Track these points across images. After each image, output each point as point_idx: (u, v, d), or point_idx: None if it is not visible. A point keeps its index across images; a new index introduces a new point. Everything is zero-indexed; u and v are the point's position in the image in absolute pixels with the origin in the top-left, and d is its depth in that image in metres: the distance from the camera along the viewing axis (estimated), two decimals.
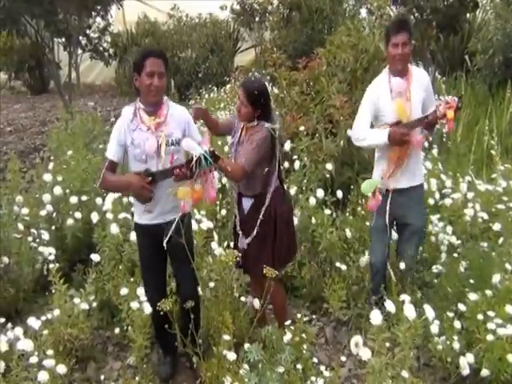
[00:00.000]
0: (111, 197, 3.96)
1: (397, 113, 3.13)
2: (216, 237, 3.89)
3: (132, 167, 2.73)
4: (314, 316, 3.62)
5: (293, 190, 4.24)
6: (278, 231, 3.07)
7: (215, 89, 10.47)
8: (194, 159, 2.45)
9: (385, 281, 3.32)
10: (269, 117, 3.01)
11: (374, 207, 3.22)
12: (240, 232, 3.11)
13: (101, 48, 11.28)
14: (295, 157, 4.55)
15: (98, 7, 10.02)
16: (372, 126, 3.27)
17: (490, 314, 2.76)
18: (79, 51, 10.72)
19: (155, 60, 2.62)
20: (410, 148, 3.14)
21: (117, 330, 3.29)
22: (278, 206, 3.07)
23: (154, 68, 2.61)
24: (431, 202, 4.26)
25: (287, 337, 2.67)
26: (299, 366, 2.63)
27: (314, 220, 3.91)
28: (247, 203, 3.09)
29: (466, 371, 2.63)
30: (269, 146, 2.97)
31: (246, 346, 2.62)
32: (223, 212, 4.58)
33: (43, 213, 4.10)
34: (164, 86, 2.69)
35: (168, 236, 2.69)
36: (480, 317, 2.76)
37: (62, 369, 2.65)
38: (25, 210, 4.05)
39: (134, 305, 2.93)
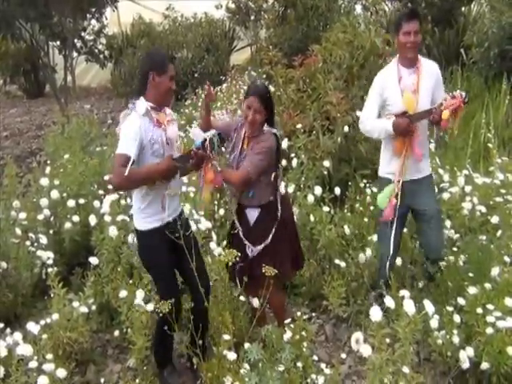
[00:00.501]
0: (109, 199, 3.94)
1: (405, 105, 3.14)
2: (214, 237, 3.89)
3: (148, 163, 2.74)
4: (313, 314, 3.62)
5: (291, 188, 4.23)
6: (290, 235, 3.08)
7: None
8: (208, 140, 2.66)
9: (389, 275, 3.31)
10: (273, 120, 3.04)
11: (389, 216, 3.23)
12: (246, 242, 3.03)
13: (96, 50, 11.24)
14: (293, 154, 4.55)
15: (93, 9, 9.99)
16: (380, 116, 3.30)
17: (490, 307, 2.75)
18: (74, 54, 10.68)
19: (173, 66, 2.80)
20: (416, 141, 3.16)
21: (116, 333, 3.28)
22: (285, 209, 3.08)
23: (174, 73, 2.78)
24: None
25: (287, 335, 2.67)
26: (299, 364, 2.62)
27: (312, 217, 3.90)
28: (253, 214, 3.04)
29: (465, 365, 2.63)
30: (274, 154, 2.98)
31: (246, 345, 2.61)
32: (221, 212, 4.57)
33: (41, 217, 4.09)
34: None
35: (180, 230, 2.72)
36: (479, 310, 2.76)
37: (61, 373, 2.66)
38: (22, 215, 4.04)
39: (137, 302, 2.97)
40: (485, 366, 2.65)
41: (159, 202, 2.79)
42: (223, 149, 2.81)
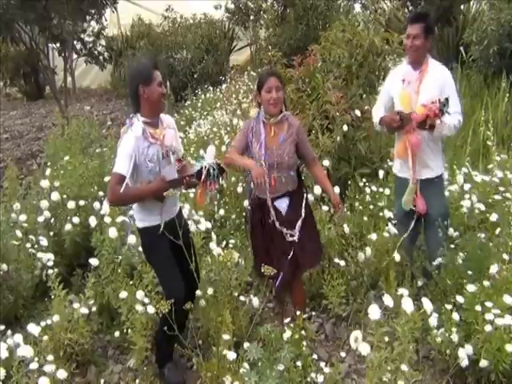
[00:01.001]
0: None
1: (400, 101, 3.20)
2: (214, 237, 3.91)
3: (144, 181, 2.81)
4: (313, 313, 3.61)
5: None
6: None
7: (211, 89, 10.49)
8: (204, 170, 2.70)
9: None
10: (285, 101, 3.20)
11: (423, 208, 3.28)
12: (285, 230, 3.07)
13: (96, 52, 11.26)
14: None
15: (93, 11, 10.01)
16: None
17: (488, 304, 2.75)
18: (74, 56, 10.71)
19: (158, 72, 2.81)
20: (411, 142, 3.20)
21: (117, 334, 3.28)
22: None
23: (161, 78, 2.80)
24: None
25: (287, 334, 2.68)
26: (299, 363, 2.63)
27: None
28: (284, 203, 3.11)
29: (464, 362, 2.63)
30: None
31: (246, 345, 2.62)
32: (221, 212, 4.59)
33: (41, 219, 4.11)
34: None
35: (180, 229, 2.80)
36: (478, 308, 2.75)
37: (62, 374, 2.67)
38: (23, 217, 4.05)
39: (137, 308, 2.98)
40: (484, 363, 2.65)
41: (155, 208, 2.86)
42: (221, 180, 2.86)
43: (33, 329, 2.88)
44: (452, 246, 3.63)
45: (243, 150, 3.14)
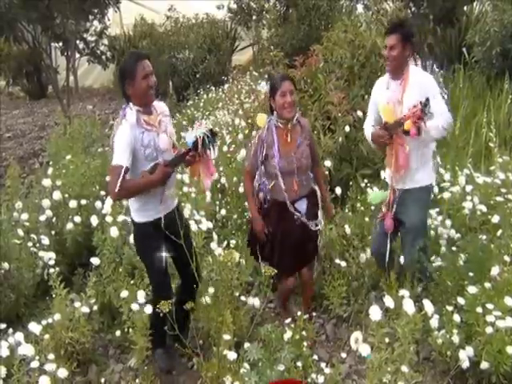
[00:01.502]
0: (110, 200, 3.95)
1: (382, 115, 3.17)
2: (215, 237, 3.91)
3: (142, 168, 2.79)
4: (314, 313, 3.62)
5: None
6: None
7: (213, 89, 10.48)
8: (199, 140, 2.71)
9: (388, 273, 3.31)
10: None
11: (390, 226, 3.28)
12: (308, 222, 3.15)
13: (98, 51, 11.25)
14: None
15: (95, 10, 10.00)
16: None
17: (489, 306, 2.75)
18: (77, 55, 10.71)
19: (146, 61, 2.76)
20: (401, 151, 3.16)
21: (118, 333, 3.29)
22: None
23: (148, 69, 2.75)
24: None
25: (287, 335, 2.68)
26: (299, 364, 2.63)
27: None
28: (304, 204, 3.17)
29: (465, 364, 2.62)
30: None
31: (246, 345, 2.62)
32: (223, 212, 4.59)
33: (43, 218, 4.11)
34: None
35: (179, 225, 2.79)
36: (479, 310, 2.76)
37: (63, 373, 2.67)
38: (24, 216, 4.06)
39: (135, 307, 2.96)
40: (484, 365, 2.65)
41: (155, 199, 2.86)
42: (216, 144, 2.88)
43: (34, 327, 2.89)
44: (453, 247, 3.65)
45: (258, 164, 3.15)
